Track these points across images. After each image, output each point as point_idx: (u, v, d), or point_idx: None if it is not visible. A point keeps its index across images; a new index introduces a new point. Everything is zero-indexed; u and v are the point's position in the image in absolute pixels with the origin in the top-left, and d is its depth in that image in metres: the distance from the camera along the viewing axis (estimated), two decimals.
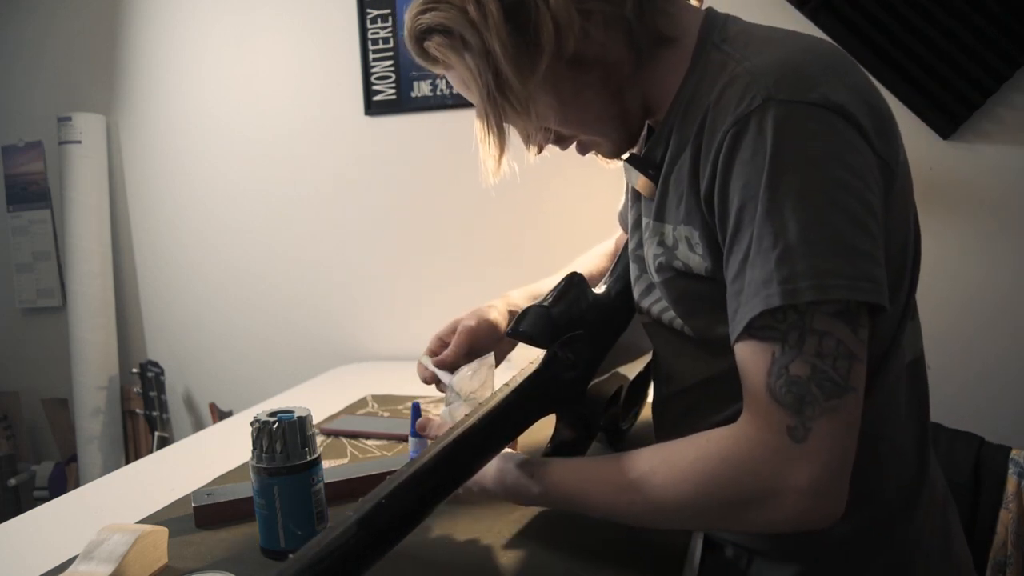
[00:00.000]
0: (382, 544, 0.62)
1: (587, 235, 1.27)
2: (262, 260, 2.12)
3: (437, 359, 0.92)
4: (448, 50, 0.68)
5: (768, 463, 0.56)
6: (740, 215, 0.58)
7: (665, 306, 0.74)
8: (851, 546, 0.69)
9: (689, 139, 0.65)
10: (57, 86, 2.26)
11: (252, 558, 0.79)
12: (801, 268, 0.55)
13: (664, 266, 0.70)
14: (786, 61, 0.60)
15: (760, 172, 0.57)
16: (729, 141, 0.59)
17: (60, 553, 0.83)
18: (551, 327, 0.75)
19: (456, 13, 0.65)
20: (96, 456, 2.20)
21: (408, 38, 0.71)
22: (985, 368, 1.55)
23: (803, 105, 0.57)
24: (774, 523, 0.58)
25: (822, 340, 0.55)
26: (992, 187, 1.52)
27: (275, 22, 2.00)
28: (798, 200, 0.55)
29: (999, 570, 1.12)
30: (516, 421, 0.73)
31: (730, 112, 0.59)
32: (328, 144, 2.00)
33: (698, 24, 0.69)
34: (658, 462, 0.63)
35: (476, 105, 0.70)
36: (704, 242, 0.64)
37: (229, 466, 1.09)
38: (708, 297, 0.67)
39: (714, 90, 0.63)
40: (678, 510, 0.62)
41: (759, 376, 0.57)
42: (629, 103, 0.72)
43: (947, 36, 1.46)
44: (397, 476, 0.64)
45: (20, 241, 2.39)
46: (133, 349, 2.31)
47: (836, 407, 0.55)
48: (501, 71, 0.66)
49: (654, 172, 0.71)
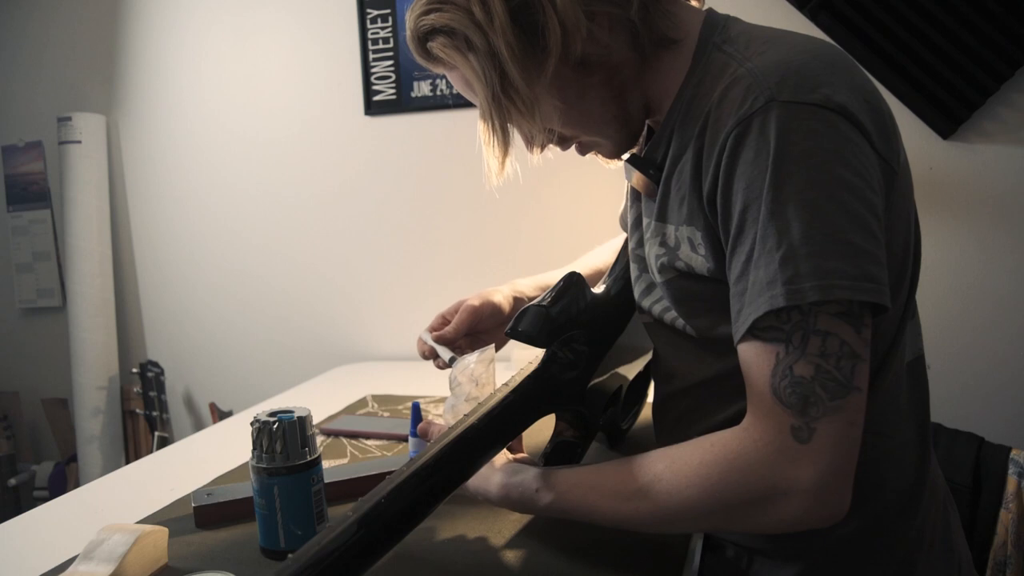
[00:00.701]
0: (381, 544, 0.62)
1: (587, 235, 1.27)
2: (262, 260, 2.12)
3: (437, 334, 0.93)
4: (452, 51, 0.68)
5: (773, 464, 0.57)
6: (743, 216, 0.58)
7: (666, 306, 0.74)
8: (854, 544, 0.69)
9: (691, 140, 0.65)
10: (57, 86, 2.26)
11: (252, 558, 0.79)
12: (805, 269, 0.55)
13: (666, 267, 0.70)
14: (788, 62, 0.60)
15: (763, 173, 0.57)
16: (732, 142, 0.59)
17: (60, 553, 0.83)
18: (550, 327, 0.75)
19: (461, 14, 0.65)
20: (96, 456, 2.20)
21: (410, 39, 0.70)
22: (985, 368, 1.55)
23: (805, 106, 0.57)
24: (780, 523, 0.58)
25: (826, 340, 0.56)
26: (992, 187, 1.52)
27: (275, 22, 2.00)
28: (801, 201, 0.56)
29: (999, 570, 1.12)
30: (516, 421, 0.73)
31: (732, 113, 0.59)
32: (328, 144, 2.00)
33: (699, 25, 0.69)
34: (663, 468, 0.63)
35: (480, 106, 0.70)
36: (706, 243, 0.64)
37: (229, 466, 1.09)
38: (710, 297, 0.67)
39: (716, 91, 0.63)
40: (684, 514, 0.62)
41: (763, 377, 0.58)
42: (631, 104, 0.72)
43: (947, 36, 1.46)
44: (396, 476, 0.64)
45: (20, 241, 2.39)
46: (133, 349, 2.31)
47: (840, 407, 0.56)
48: (507, 73, 0.66)
49: (655, 172, 0.71)
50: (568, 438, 0.87)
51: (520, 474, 0.73)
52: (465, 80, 0.70)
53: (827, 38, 1.51)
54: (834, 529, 0.60)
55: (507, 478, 0.73)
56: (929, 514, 0.73)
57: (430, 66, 0.73)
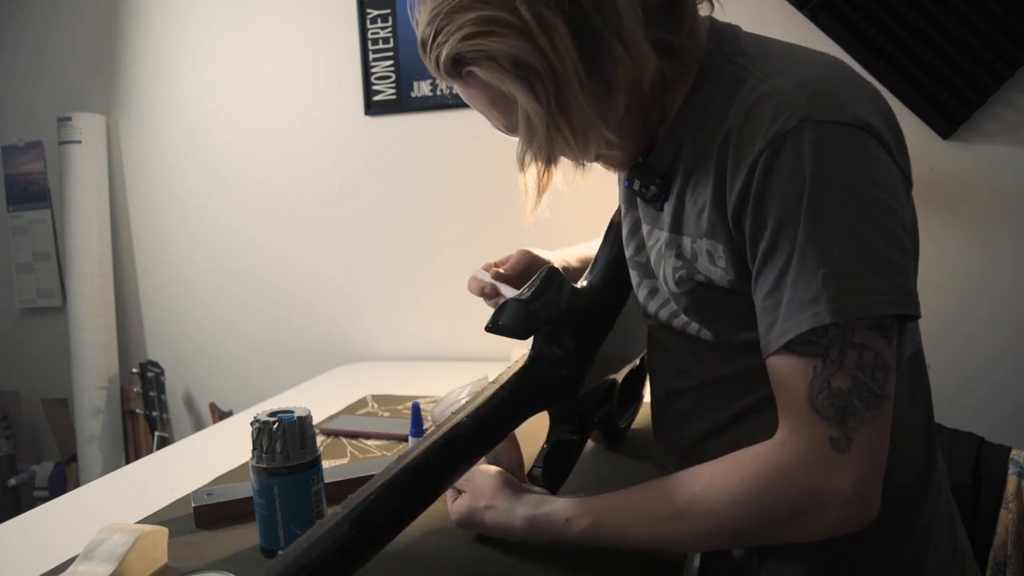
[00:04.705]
0: (371, 543, 0.62)
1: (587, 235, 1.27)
2: (262, 260, 2.12)
3: (496, 271, 0.94)
4: (506, 78, 0.61)
5: (814, 475, 0.58)
6: (777, 234, 0.59)
7: (675, 310, 0.74)
8: (865, 540, 0.69)
9: (710, 154, 0.65)
10: (57, 86, 2.26)
11: (252, 558, 0.79)
12: (847, 287, 0.57)
13: (684, 279, 0.70)
14: (812, 80, 0.60)
15: (799, 192, 0.58)
16: (765, 161, 0.59)
17: (60, 553, 0.83)
18: (529, 320, 0.75)
19: (523, 41, 0.59)
20: (96, 456, 2.20)
21: (444, 59, 0.62)
22: (984, 367, 1.55)
23: (838, 125, 0.58)
24: (817, 532, 0.60)
25: (862, 353, 0.57)
26: (992, 187, 1.52)
27: (275, 22, 2.00)
28: (840, 220, 0.57)
29: (999, 570, 1.12)
30: (505, 419, 0.73)
31: (762, 131, 0.60)
32: (328, 144, 2.00)
33: (704, 33, 0.69)
34: (701, 488, 0.64)
35: (525, 136, 0.64)
36: (728, 255, 0.65)
37: (229, 466, 1.09)
38: (730, 306, 0.67)
39: (735, 107, 0.63)
40: (725, 531, 0.63)
41: (799, 390, 0.59)
42: (651, 118, 0.71)
43: (947, 36, 1.46)
44: (385, 473, 0.64)
45: (20, 241, 2.39)
46: (133, 349, 2.31)
47: (875, 416, 0.58)
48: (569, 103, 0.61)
49: (661, 181, 0.71)
50: (564, 436, 0.87)
51: (546, 505, 0.73)
52: (495, 102, 0.65)
53: (827, 38, 1.52)
54: None
55: (533, 510, 0.73)
56: (936, 505, 0.73)
57: (455, 83, 0.66)
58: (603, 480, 0.96)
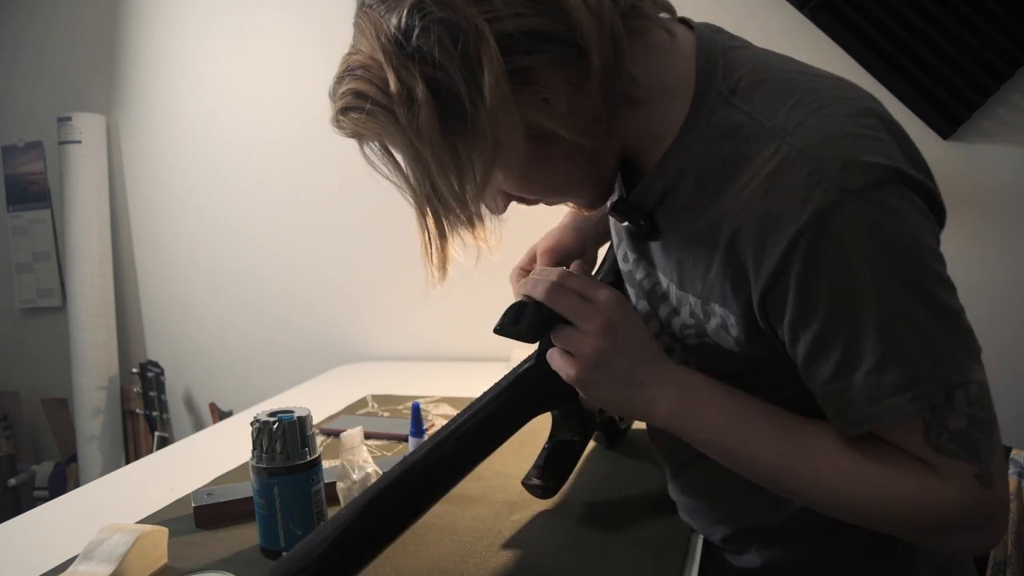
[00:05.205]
0: (375, 543, 0.62)
1: None
2: (262, 260, 2.12)
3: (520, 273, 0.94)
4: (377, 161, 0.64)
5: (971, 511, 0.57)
6: (831, 317, 0.56)
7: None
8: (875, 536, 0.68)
9: (717, 216, 0.59)
10: (57, 86, 2.26)
11: (252, 558, 0.79)
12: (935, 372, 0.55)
13: (693, 336, 0.68)
14: (834, 131, 0.55)
15: (855, 277, 0.54)
16: (807, 242, 0.54)
17: (60, 553, 0.83)
18: (542, 324, 0.75)
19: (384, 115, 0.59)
20: (96, 456, 2.20)
21: None
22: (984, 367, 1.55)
23: (878, 191, 0.54)
24: (960, 551, 0.62)
25: (968, 389, 0.57)
26: (992, 187, 1.52)
27: (275, 22, 2.00)
28: (909, 299, 0.55)
29: (999, 570, 1.12)
30: (508, 420, 0.73)
31: (797, 207, 0.54)
32: (328, 143, 2.00)
33: (691, 61, 0.62)
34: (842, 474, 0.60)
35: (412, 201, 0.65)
36: (741, 326, 0.61)
37: (229, 466, 1.09)
38: (741, 356, 0.65)
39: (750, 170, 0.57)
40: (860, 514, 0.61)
41: (917, 444, 0.57)
42: (604, 163, 0.66)
43: (947, 36, 1.46)
44: (390, 474, 0.64)
45: (20, 241, 2.39)
46: (133, 349, 2.31)
47: (995, 441, 0.58)
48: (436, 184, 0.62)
49: (646, 223, 0.67)
50: (566, 437, 0.87)
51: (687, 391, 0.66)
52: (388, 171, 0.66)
53: (827, 38, 1.52)
54: (842, 526, 0.61)
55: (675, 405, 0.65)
56: None
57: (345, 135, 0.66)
58: (603, 480, 0.96)
